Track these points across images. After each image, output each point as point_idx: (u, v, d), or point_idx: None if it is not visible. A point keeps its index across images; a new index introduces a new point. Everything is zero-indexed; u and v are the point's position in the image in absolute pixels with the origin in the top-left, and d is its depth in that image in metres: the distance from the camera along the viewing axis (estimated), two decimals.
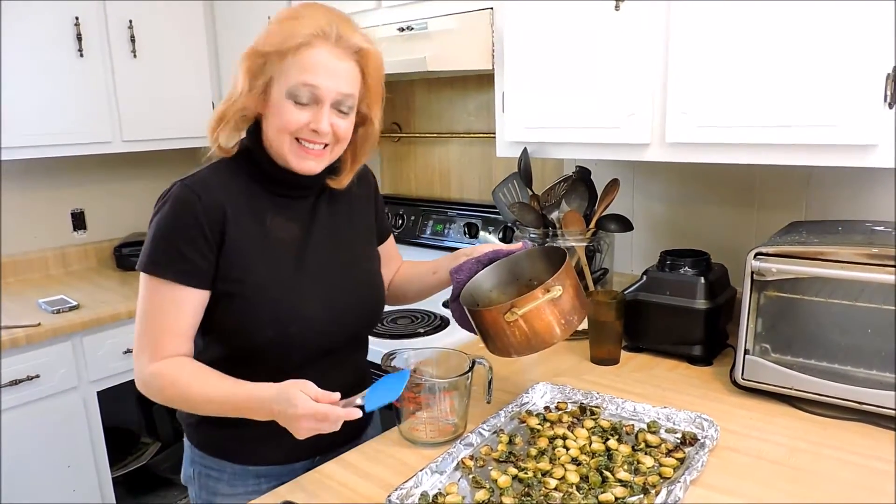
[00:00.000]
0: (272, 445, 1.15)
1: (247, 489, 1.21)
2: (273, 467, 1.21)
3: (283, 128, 1.07)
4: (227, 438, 1.20)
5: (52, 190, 2.64)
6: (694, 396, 1.35)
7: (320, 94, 1.06)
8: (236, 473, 1.21)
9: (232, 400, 1.05)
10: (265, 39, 1.07)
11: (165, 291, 1.07)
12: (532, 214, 1.72)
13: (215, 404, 1.07)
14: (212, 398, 1.06)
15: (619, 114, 1.49)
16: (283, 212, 1.16)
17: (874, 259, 1.18)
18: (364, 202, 1.31)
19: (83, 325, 2.08)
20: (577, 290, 1.18)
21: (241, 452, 1.20)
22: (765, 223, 1.70)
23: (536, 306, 1.11)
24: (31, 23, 2.17)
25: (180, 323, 1.08)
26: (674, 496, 0.96)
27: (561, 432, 1.19)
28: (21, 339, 1.94)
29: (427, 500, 1.00)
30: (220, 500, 1.22)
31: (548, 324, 1.13)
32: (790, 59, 1.25)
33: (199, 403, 1.08)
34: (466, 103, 2.37)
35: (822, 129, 1.23)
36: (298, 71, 1.04)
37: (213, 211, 1.08)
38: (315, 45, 1.04)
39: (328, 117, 1.07)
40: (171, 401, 1.10)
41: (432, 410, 1.20)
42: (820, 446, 1.15)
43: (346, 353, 1.25)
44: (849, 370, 1.25)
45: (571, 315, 1.15)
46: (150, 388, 1.09)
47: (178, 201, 1.08)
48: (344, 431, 1.04)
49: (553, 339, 1.15)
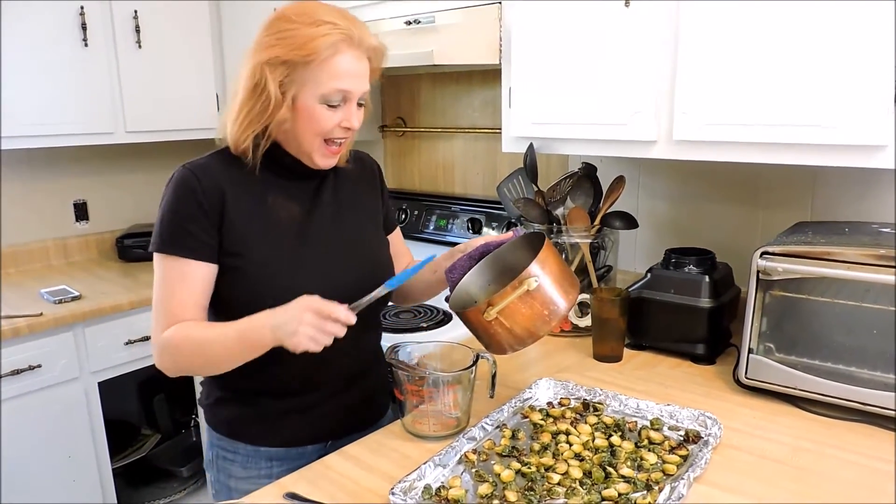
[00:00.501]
0: (284, 426, 1.21)
1: (259, 472, 1.23)
2: (285, 450, 1.24)
3: (319, 131, 1.12)
4: (240, 419, 1.24)
5: (55, 180, 2.64)
6: (697, 395, 1.35)
7: (350, 96, 1.12)
8: (249, 455, 1.24)
9: (238, 328, 1.07)
10: (284, 45, 1.07)
11: (176, 267, 1.12)
12: (537, 210, 1.72)
13: (227, 342, 1.08)
14: (220, 335, 1.09)
15: (626, 110, 1.49)
16: (284, 193, 1.20)
17: (880, 260, 1.18)
18: (369, 188, 1.34)
19: (84, 315, 2.08)
20: (560, 275, 1.12)
21: (254, 433, 1.23)
22: (770, 223, 1.70)
23: (512, 302, 1.08)
24: (36, 13, 2.16)
25: (191, 295, 1.12)
26: (677, 493, 0.96)
27: (564, 428, 1.18)
28: (23, 329, 1.94)
29: (430, 493, 1.00)
30: (235, 483, 1.25)
31: (529, 317, 1.09)
32: (798, 58, 1.25)
33: (212, 349, 1.10)
34: (471, 98, 2.37)
35: (829, 129, 1.23)
36: (330, 77, 1.08)
37: (211, 192, 1.12)
38: (342, 51, 1.09)
39: (356, 114, 1.14)
40: (188, 357, 1.12)
41: (435, 404, 1.20)
42: (823, 446, 1.15)
43: (355, 331, 1.24)
44: (853, 371, 1.24)
45: (554, 303, 1.10)
46: (166, 352, 1.12)
47: (179, 184, 1.14)
48: (359, 417, 1.16)
49: (539, 330, 1.11)
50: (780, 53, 1.26)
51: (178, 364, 1.15)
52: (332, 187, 1.26)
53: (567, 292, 1.12)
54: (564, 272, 1.14)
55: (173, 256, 1.11)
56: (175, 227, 1.12)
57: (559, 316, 1.11)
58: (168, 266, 1.12)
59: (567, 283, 1.14)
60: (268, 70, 1.08)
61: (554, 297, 1.10)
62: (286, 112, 1.10)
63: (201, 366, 1.16)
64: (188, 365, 1.16)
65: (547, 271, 1.10)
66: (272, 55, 1.08)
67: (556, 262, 1.13)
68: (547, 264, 1.11)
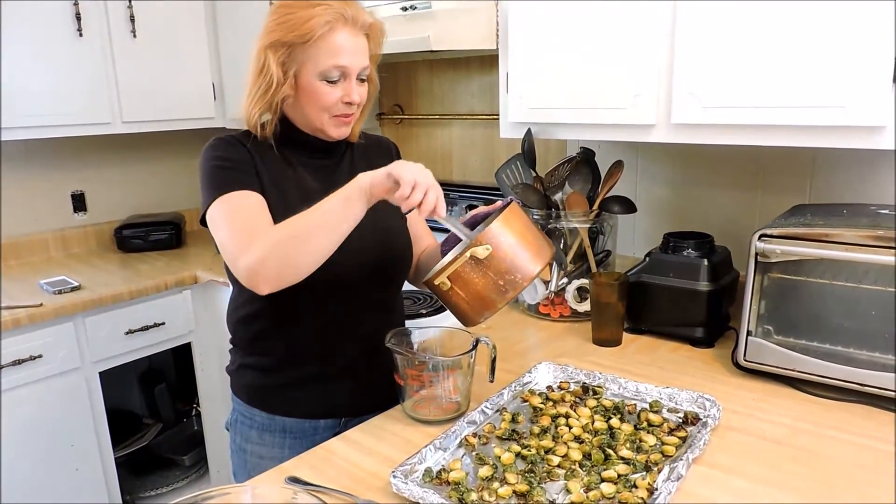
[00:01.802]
0: (300, 398, 1.27)
1: (273, 442, 1.29)
2: (299, 422, 1.29)
3: (323, 106, 1.19)
4: (258, 387, 1.30)
5: (52, 171, 2.63)
6: (696, 377, 1.36)
7: (348, 71, 1.18)
8: (264, 425, 1.30)
9: (326, 199, 1.07)
10: (286, 29, 1.15)
11: (234, 199, 1.15)
12: (535, 196, 1.72)
13: (318, 212, 1.07)
14: (311, 210, 1.07)
15: (625, 94, 1.49)
16: (303, 169, 1.26)
17: (879, 241, 1.18)
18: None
19: (85, 305, 2.08)
20: (523, 243, 1.07)
21: (270, 401, 1.29)
22: (769, 206, 1.70)
23: (464, 271, 1.04)
24: (30, 4, 2.14)
25: (259, 213, 1.15)
26: (676, 474, 0.97)
27: (563, 411, 1.19)
28: (23, 319, 1.94)
29: (431, 475, 1.01)
30: (250, 447, 1.32)
31: (484, 286, 1.05)
32: (798, 39, 1.24)
33: (306, 223, 1.06)
34: (469, 85, 2.36)
35: (829, 111, 1.23)
36: (327, 55, 1.15)
37: (242, 149, 1.21)
38: (337, 29, 1.15)
39: (356, 88, 1.20)
40: (284, 241, 1.06)
41: (435, 389, 1.20)
42: (821, 427, 1.16)
43: (373, 292, 1.29)
44: (851, 352, 1.25)
45: (511, 273, 1.05)
46: (256, 248, 1.06)
47: (214, 143, 1.22)
48: (377, 397, 1.25)
49: (496, 301, 1.06)
50: (779, 34, 1.26)
51: (273, 255, 1.06)
52: (349, 165, 1.32)
53: (531, 262, 1.06)
54: (528, 241, 1.08)
55: (229, 194, 1.15)
56: (222, 173, 1.18)
57: (518, 286, 1.06)
58: (227, 203, 1.15)
59: (532, 253, 1.07)
60: (270, 52, 1.16)
61: (511, 267, 1.05)
62: (289, 90, 1.18)
63: (297, 245, 1.07)
64: (284, 252, 1.06)
65: (505, 240, 1.05)
66: (273, 38, 1.16)
67: (519, 230, 1.07)
68: (506, 232, 1.06)
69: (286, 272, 1.07)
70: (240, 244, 1.10)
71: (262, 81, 1.17)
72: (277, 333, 1.26)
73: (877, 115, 1.19)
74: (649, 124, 1.48)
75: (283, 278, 1.08)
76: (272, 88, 1.17)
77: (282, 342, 1.26)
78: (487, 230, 1.05)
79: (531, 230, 1.11)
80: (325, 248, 1.07)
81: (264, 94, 1.18)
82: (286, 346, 1.26)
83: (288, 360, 1.27)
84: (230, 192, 1.15)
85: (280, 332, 1.25)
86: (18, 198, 2.54)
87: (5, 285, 2.23)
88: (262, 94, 1.18)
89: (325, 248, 1.07)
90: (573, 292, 1.69)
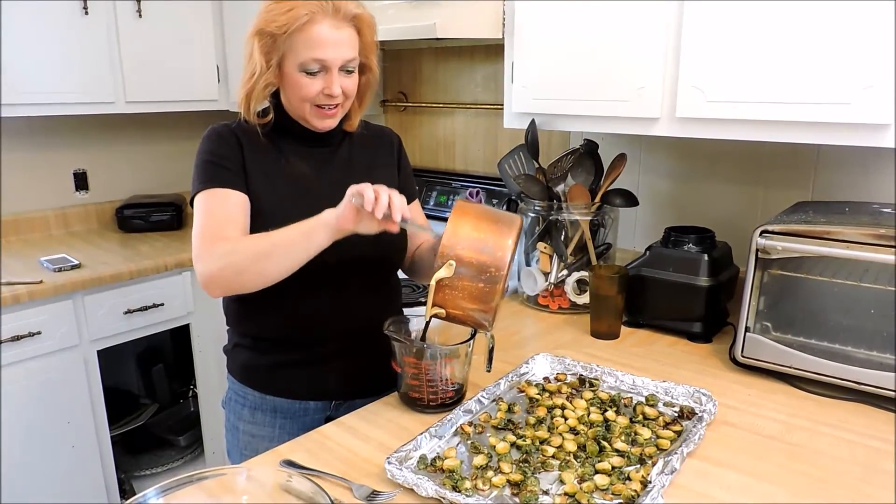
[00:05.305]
0: (288, 377, 1.29)
1: (265, 421, 1.32)
2: (289, 403, 1.31)
3: (302, 97, 1.20)
4: (250, 366, 1.32)
5: (55, 149, 2.62)
6: (693, 372, 1.36)
7: (328, 64, 1.17)
8: (255, 404, 1.32)
9: (291, 226, 1.11)
10: (268, 19, 1.16)
11: (216, 196, 1.20)
12: (538, 187, 1.72)
13: (278, 238, 1.11)
14: (273, 234, 1.12)
15: (629, 87, 1.48)
16: (297, 156, 1.28)
17: (880, 240, 1.18)
18: (386, 159, 1.39)
19: (84, 283, 2.08)
20: (480, 238, 1.06)
21: (260, 380, 1.31)
22: (770, 202, 1.70)
23: (443, 295, 1.08)
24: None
25: (234, 216, 1.19)
26: (670, 467, 0.97)
27: (560, 402, 1.19)
28: (23, 296, 1.94)
29: (425, 463, 1.01)
30: (243, 426, 1.34)
31: (469, 296, 1.07)
32: (803, 35, 1.23)
33: (264, 247, 1.12)
34: (473, 74, 2.35)
35: (834, 107, 1.22)
36: (306, 47, 1.15)
37: (234, 142, 1.24)
38: (317, 21, 1.14)
39: (338, 81, 1.19)
40: (239, 255, 1.13)
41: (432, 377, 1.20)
42: (816, 424, 1.16)
43: (364, 279, 1.30)
44: (849, 350, 1.25)
45: (486, 269, 1.05)
46: (214, 257, 1.13)
47: (209, 134, 1.26)
48: (366, 382, 1.27)
49: (488, 301, 1.06)
50: (785, 30, 1.25)
51: (227, 268, 1.13)
52: (346, 154, 1.33)
53: (497, 250, 1.05)
54: (486, 232, 1.07)
55: (212, 189, 1.20)
56: (209, 168, 1.21)
57: (499, 278, 1.05)
58: (209, 198, 1.20)
59: (493, 242, 1.06)
60: (256, 41, 1.17)
61: (482, 266, 1.05)
62: (272, 78, 1.19)
63: (251, 262, 1.12)
64: (238, 269, 1.13)
65: (462, 245, 1.05)
66: (258, 28, 1.17)
67: (472, 226, 1.07)
68: (458, 237, 1.05)
69: (235, 286, 1.17)
70: (202, 248, 1.17)
71: (249, 69, 1.19)
72: (268, 315, 1.27)
73: (881, 113, 1.18)
74: (653, 117, 1.47)
75: (232, 289, 1.20)
76: (255, 76, 1.18)
77: (272, 323, 1.28)
78: (441, 248, 1.06)
79: (485, 219, 1.09)
80: (278, 273, 1.13)
81: (248, 80, 1.20)
82: (276, 328, 1.28)
83: (278, 341, 1.29)
84: (213, 189, 1.20)
85: (271, 313, 1.27)
86: (20, 175, 2.54)
87: (5, 261, 2.23)
88: (247, 81, 1.20)
89: (278, 273, 1.13)
90: (572, 284, 1.69)
